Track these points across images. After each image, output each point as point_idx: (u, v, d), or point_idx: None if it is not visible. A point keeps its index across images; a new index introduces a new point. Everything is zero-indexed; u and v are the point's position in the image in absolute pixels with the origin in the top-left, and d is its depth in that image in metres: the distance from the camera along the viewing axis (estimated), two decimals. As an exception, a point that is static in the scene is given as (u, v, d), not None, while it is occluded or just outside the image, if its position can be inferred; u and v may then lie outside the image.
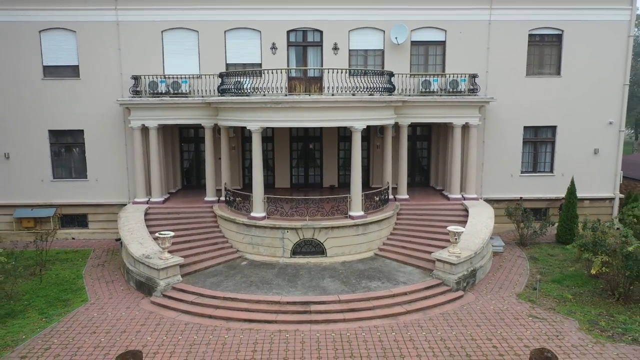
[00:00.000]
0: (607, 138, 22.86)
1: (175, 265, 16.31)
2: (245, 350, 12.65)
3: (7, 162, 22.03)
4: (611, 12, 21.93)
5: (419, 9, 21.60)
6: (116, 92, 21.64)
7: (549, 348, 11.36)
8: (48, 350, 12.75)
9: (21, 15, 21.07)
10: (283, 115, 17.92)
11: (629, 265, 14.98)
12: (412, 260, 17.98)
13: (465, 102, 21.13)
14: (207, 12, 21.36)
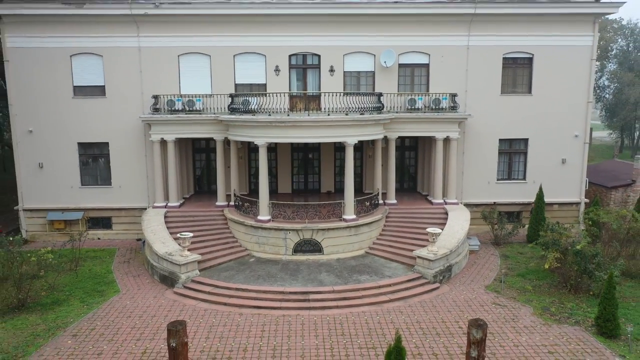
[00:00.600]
0: (573, 149, 25.58)
1: (194, 261, 19.06)
2: (255, 330, 15.39)
3: (41, 171, 24.76)
4: (576, 39, 24.65)
5: (405, 35, 24.32)
6: (138, 109, 24.38)
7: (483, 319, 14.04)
8: (93, 330, 15.50)
9: (54, 42, 23.79)
10: (286, 132, 20.67)
11: (577, 261, 17.73)
12: (397, 257, 20.71)
13: (446, 118, 23.86)
14: (218, 39, 24.08)
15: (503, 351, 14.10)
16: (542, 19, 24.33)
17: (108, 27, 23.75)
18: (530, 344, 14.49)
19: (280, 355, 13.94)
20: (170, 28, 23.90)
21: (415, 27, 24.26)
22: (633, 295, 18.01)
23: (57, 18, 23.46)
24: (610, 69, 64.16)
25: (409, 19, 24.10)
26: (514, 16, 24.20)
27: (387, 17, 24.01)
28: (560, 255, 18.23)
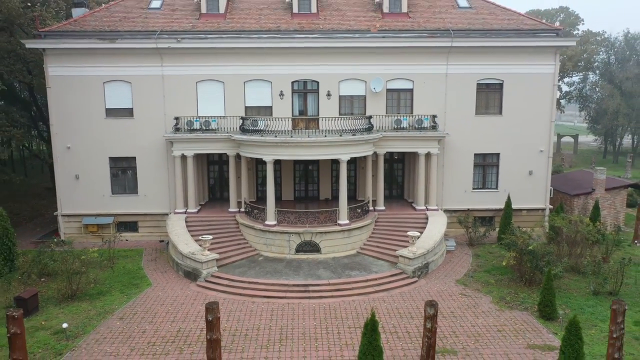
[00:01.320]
0: (539, 162, 29.25)
1: (213, 259, 22.75)
2: (265, 314, 19.06)
3: (77, 181, 28.46)
4: (540, 67, 28.33)
5: (392, 65, 28.00)
6: (161, 129, 28.08)
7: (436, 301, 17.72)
8: (136, 314, 19.19)
9: (90, 70, 27.50)
10: (289, 151, 24.39)
11: (530, 259, 21.40)
12: (383, 256, 24.37)
13: (428, 136, 27.55)
14: (230, 68, 27.77)
15: (462, 330, 17.77)
16: (510, 51, 28.02)
17: (136, 58, 27.46)
18: (484, 325, 18.17)
19: (286, 333, 17.61)
20: (190, 59, 27.60)
21: (400, 57, 27.95)
22: (576, 287, 21.66)
23: (92, 51, 27.18)
24: (593, 80, 67.82)
25: (395, 51, 27.80)
26: (485, 48, 27.89)
27: (376, 49, 27.71)
28: (517, 254, 21.90)
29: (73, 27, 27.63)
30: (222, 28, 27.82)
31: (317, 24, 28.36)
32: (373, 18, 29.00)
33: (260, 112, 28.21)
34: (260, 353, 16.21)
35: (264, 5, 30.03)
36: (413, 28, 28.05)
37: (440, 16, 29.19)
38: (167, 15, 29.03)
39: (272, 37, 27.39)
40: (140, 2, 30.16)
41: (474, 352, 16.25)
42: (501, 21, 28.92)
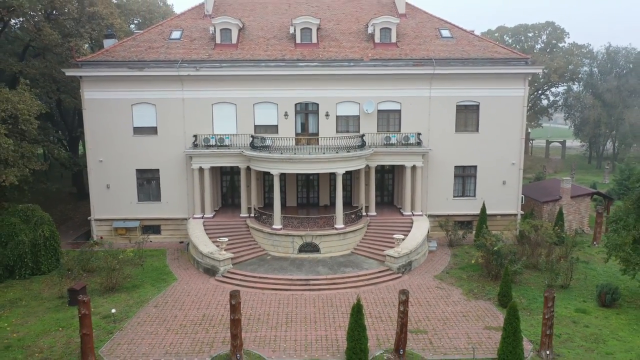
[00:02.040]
0: (511, 173, 33.16)
1: (228, 258, 26.73)
2: (273, 303, 23.02)
3: (108, 190, 32.46)
4: (511, 90, 32.24)
5: (382, 89, 31.94)
6: (181, 145, 32.06)
7: (407, 289, 21.67)
8: (167, 303, 23.18)
9: (120, 94, 31.49)
10: (293, 165, 28.40)
11: (495, 258, 25.33)
12: (373, 255, 28.31)
13: (413, 151, 31.50)
14: (241, 92, 31.72)
15: (434, 315, 21.73)
16: (486, 77, 31.95)
17: (160, 84, 31.45)
18: (452, 311, 22.12)
19: (291, 317, 21.59)
20: (207, 84, 31.58)
21: (390, 82, 31.90)
22: (534, 282, 25.58)
23: (122, 78, 31.18)
24: (576, 91, 71.71)
25: (385, 77, 31.75)
26: (464, 75, 31.83)
27: (369, 76, 31.67)
28: (484, 254, 25.84)
29: (106, 57, 31.66)
30: (234, 57, 31.84)
31: (317, 53, 32.34)
32: (366, 47, 32.97)
33: (267, 130, 32.17)
34: (271, 332, 20.20)
35: (271, 35, 34.01)
36: (401, 57, 32.03)
37: (425, 46, 33.14)
38: (186, 45, 33.03)
39: (278, 65, 31.40)
40: (162, 32, 34.16)
41: (441, 332, 20.22)
42: (478, 50, 32.86)
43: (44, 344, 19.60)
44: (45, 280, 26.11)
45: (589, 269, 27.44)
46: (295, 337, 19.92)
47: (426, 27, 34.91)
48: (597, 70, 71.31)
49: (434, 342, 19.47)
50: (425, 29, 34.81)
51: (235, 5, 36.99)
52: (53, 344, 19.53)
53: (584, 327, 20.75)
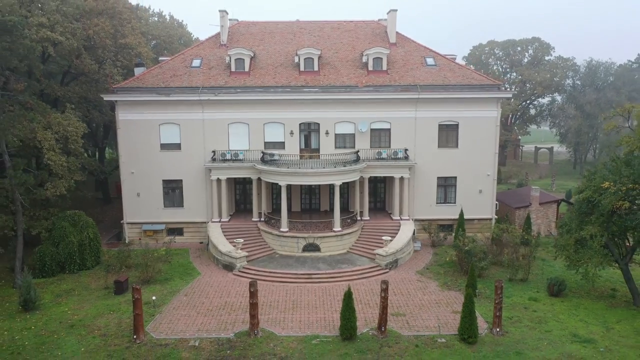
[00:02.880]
0: (486, 183, 37.90)
1: (243, 256, 31.58)
2: (281, 293, 27.83)
3: (138, 198, 37.32)
4: (486, 112, 36.97)
5: (374, 111, 36.72)
6: (201, 159, 36.90)
7: (388, 280, 26.50)
8: (195, 293, 28.03)
9: (149, 116, 36.35)
10: (297, 178, 33.26)
11: (467, 256, 30.08)
12: (366, 254, 33.09)
13: (401, 165, 36.28)
14: (253, 113, 36.56)
15: (412, 302, 26.51)
16: (463, 100, 36.69)
17: (184, 107, 36.33)
18: (428, 299, 26.91)
19: (296, 304, 26.40)
20: (223, 107, 36.43)
21: (381, 105, 36.70)
22: (499, 276, 30.23)
23: (152, 102, 36.05)
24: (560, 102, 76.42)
25: (377, 100, 36.54)
26: (444, 99, 36.59)
27: (363, 100, 36.47)
28: (458, 253, 30.61)
29: (137, 84, 36.57)
30: (247, 84, 36.72)
31: (319, 80, 37.18)
32: (360, 74, 37.78)
33: (275, 146, 36.97)
34: (280, 315, 25.05)
35: (278, 63, 38.85)
36: (390, 83, 36.84)
37: (412, 73, 37.94)
38: (205, 72, 37.90)
39: (284, 90, 36.26)
40: (184, 61, 39.04)
41: (417, 315, 25.02)
42: (458, 77, 37.63)
43: (100, 323, 24.48)
44: (91, 274, 31.08)
45: (547, 265, 32.16)
46: (299, 318, 24.76)
47: (413, 56, 39.71)
48: (579, 83, 75.95)
49: (410, 322, 24.27)
50: (413, 57, 39.61)
51: (247, 35, 41.88)
52: (107, 324, 24.41)
53: (532, 312, 25.53)
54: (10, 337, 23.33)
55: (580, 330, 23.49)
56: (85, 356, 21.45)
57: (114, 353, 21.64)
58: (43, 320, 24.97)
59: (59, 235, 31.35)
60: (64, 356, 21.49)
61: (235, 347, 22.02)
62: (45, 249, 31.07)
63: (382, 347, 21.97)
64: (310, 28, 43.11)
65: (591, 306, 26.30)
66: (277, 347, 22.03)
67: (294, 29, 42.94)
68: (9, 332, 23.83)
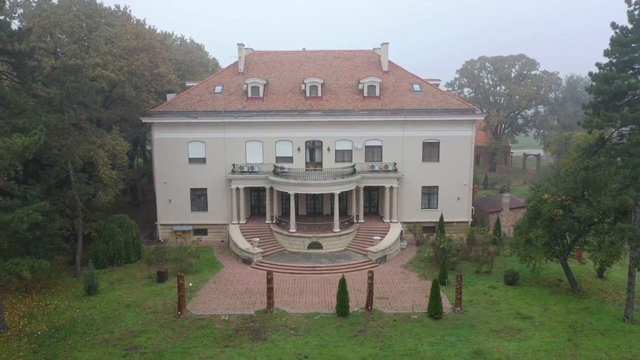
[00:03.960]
0: (463, 192, 44.18)
1: (259, 252, 38.08)
2: (290, 282, 34.27)
3: (169, 203, 43.86)
4: (462, 132, 43.24)
5: (368, 131, 43.09)
6: (223, 171, 43.38)
7: (373, 270, 32.97)
8: (221, 281, 34.54)
9: (180, 134, 42.88)
10: (304, 188, 39.76)
11: (442, 253, 36.40)
12: (360, 251, 39.48)
13: (391, 176, 42.65)
14: (267, 133, 43.02)
15: (395, 289, 32.90)
16: (444, 122, 42.97)
17: (208, 127, 42.86)
18: (408, 287, 33.27)
19: (302, 290, 32.84)
20: (241, 127, 42.94)
21: (374, 126, 43.08)
22: (469, 269, 36.55)
23: (182, 123, 42.59)
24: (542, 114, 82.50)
25: (370, 122, 42.89)
26: (427, 121, 42.89)
27: (358, 122, 42.84)
28: (435, 250, 36.94)
29: (169, 108, 43.14)
30: (261, 108, 43.22)
31: (321, 105, 43.63)
32: (357, 100, 44.20)
33: (285, 160, 43.41)
34: (290, 298, 31.50)
35: (287, 90, 45.32)
36: (382, 108, 43.25)
37: (400, 98, 44.32)
38: (226, 97, 44.43)
39: (293, 114, 42.71)
40: (208, 87, 45.57)
41: (397, 298, 31.41)
42: (439, 102, 43.97)
43: (150, 303, 31.04)
44: (135, 267, 37.67)
45: (510, 260, 38.33)
46: (305, 301, 31.20)
47: (402, 83, 46.10)
48: (561, 96, 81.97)
49: (392, 304, 30.68)
50: (402, 83, 45.99)
51: (260, 64, 48.38)
52: (155, 304, 30.96)
53: (489, 297, 31.86)
54: (82, 313, 29.93)
55: (523, 310, 29.82)
56: (143, 327, 28.00)
57: (164, 324, 28.19)
58: (104, 302, 31.56)
59: (108, 235, 37.95)
60: (127, 326, 28.05)
61: (256, 320, 28.52)
62: (97, 246, 37.69)
63: (368, 321, 28.38)
64: (315, 57, 49.59)
65: (537, 292, 32.61)
66: (288, 321, 28.49)
67: (301, 58, 49.42)
68: (80, 310, 30.42)
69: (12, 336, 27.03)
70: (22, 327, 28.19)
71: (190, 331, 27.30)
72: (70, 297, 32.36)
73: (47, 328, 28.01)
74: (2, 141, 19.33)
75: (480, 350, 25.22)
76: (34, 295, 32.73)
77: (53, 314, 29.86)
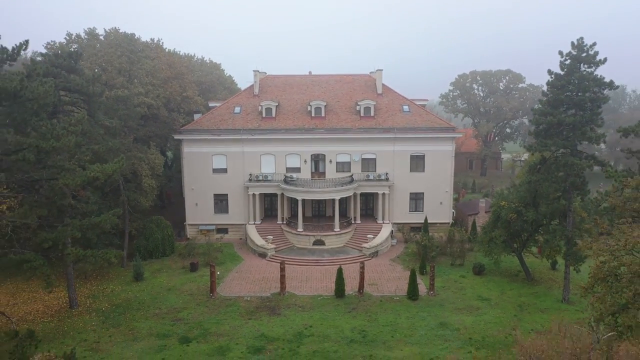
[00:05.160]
0: (445, 197, 51.24)
1: (272, 248, 45.41)
2: (298, 271, 41.51)
3: (196, 206, 51.23)
4: (444, 147, 50.30)
5: (364, 146, 50.24)
6: (241, 179, 50.70)
7: (365, 263, 40.33)
8: (242, 271, 41.88)
9: (205, 149, 50.24)
10: (309, 194, 47.04)
11: (423, 249, 43.55)
12: (356, 247, 46.68)
13: (383, 184, 49.83)
14: (278, 147, 50.29)
15: (383, 277, 40.08)
16: (428, 139, 50.02)
17: (229, 143, 50.18)
18: (394, 276, 40.44)
19: (308, 278, 40.10)
20: (257, 143, 50.24)
21: (369, 142, 50.25)
22: (446, 262, 43.62)
23: (207, 140, 49.95)
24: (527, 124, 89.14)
25: (366, 139, 50.04)
26: (414, 138, 50.01)
27: (356, 138, 50.03)
28: (417, 246, 44.10)
29: (196, 126, 50.52)
30: (274, 126, 50.52)
31: (325, 123, 50.87)
32: (355, 119, 51.39)
33: (294, 170, 50.61)
34: (297, 284, 38.78)
35: (296, 110, 52.58)
36: (376, 126, 50.44)
37: (392, 118, 51.48)
38: (244, 117, 51.77)
39: (300, 131, 49.98)
40: (229, 108, 52.91)
41: (384, 284, 38.59)
42: (424, 121, 51.08)
43: (186, 288, 38.43)
44: (170, 259, 45.07)
45: (480, 255, 45.39)
46: (310, 286, 38.44)
47: (394, 104, 53.27)
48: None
49: (379, 288, 37.88)
50: (393, 105, 53.16)
51: (272, 87, 55.69)
52: (191, 288, 38.34)
53: (459, 284, 38.98)
54: (133, 295, 37.36)
55: (484, 294, 36.94)
56: (183, 305, 35.39)
57: (200, 303, 35.57)
58: (150, 286, 38.98)
59: (148, 233, 45.39)
60: (171, 304, 35.45)
61: (272, 300, 35.83)
62: (139, 242, 45.15)
63: (359, 301, 35.61)
64: (319, 80, 56.87)
65: (498, 281, 39.70)
66: (297, 301, 35.78)
67: (307, 82, 56.71)
68: (131, 292, 37.85)
69: (83, 311, 34.52)
70: (89, 304, 35.67)
71: (221, 308, 34.69)
72: (122, 283, 39.82)
73: (108, 305, 35.47)
74: (100, 166, 26.72)
75: (445, 322, 32.39)
76: (92, 281, 40.24)
77: (111, 295, 37.34)
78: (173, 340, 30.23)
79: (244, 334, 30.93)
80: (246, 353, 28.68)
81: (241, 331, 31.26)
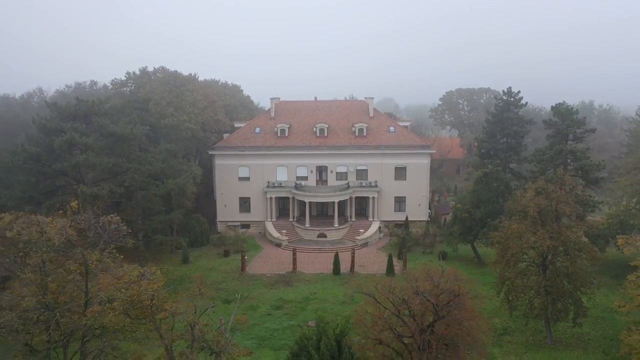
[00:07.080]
0: (422, 200, 62.92)
1: (286, 239, 57.41)
2: (306, 257, 53.41)
3: (225, 207, 63.25)
4: (421, 160, 61.94)
5: (358, 160, 61.99)
6: (261, 186, 62.59)
7: (356, 250, 52.50)
8: (263, 256, 53.88)
9: (232, 162, 62.25)
10: (314, 198, 59.03)
11: (403, 241, 55.34)
12: (351, 239, 58.45)
13: (373, 190, 61.62)
14: (290, 160, 62.19)
15: (369, 262, 51.90)
16: (409, 154, 61.75)
17: (252, 157, 62.18)
18: (378, 260, 52.19)
19: (314, 261, 52.05)
20: (273, 157, 62.22)
21: (362, 157, 62.06)
22: (418, 250, 55.33)
23: (234, 154, 62.02)
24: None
25: (360, 154, 61.83)
26: (398, 153, 61.77)
27: (351, 154, 61.89)
28: (398, 238, 55.93)
29: (225, 144, 62.59)
30: (287, 144, 62.50)
31: (327, 141, 62.77)
32: (351, 138, 63.22)
33: (302, 179, 62.44)
34: (305, 266, 50.73)
35: (304, 130, 64.51)
36: (367, 144, 62.26)
37: (380, 137, 63.26)
38: (263, 136, 63.77)
39: (308, 148, 61.92)
40: (251, 129, 64.92)
41: (370, 266, 50.44)
42: (406, 139, 62.83)
43: (222, 267, 50.54)
44: (207, 248, 57.13)
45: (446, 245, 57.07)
46: (315, 267, 50.33)
47: (382, 125, 65.07)
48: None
49: (366, 269, 49.72)
50: (382, 126, 64.97)
51: (286, 111, 67.67)
52: (226, 268, 50.42)
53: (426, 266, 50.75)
54: (184, 273, 49.38)
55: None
56: (222, 279, 47.47)
57: (234, 278, 47.64)
58: (195, 267, 51.07)
59: (191, 228, 57.59)
60: (213, 279, 47.50)
61: (286, 276, 47.81)
62: (183, 234, 57.35)
63: (351, 277, 47.45)
64: (323, 106, 68.83)
65: (457, 264, 51.29)
66: (305, 277, 47.74)
67: (313, 107, 68.68)
68: (182, 271, 49.83)
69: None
70: (153, 279, 47.89)
71: (250, 281, 46.79)
72: (174, 265, 51.87)
73: (167, 279, 47.53)
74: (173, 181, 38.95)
75: (411, 291, 44.22)
76: (150, 263, 52.46)
77: (167, 273, 48.96)
78: (218, 302, 42.36)
79: (268, 298, 42.99)
80: (270, 309, 40.75)
81: (265, 296, 43.33)
